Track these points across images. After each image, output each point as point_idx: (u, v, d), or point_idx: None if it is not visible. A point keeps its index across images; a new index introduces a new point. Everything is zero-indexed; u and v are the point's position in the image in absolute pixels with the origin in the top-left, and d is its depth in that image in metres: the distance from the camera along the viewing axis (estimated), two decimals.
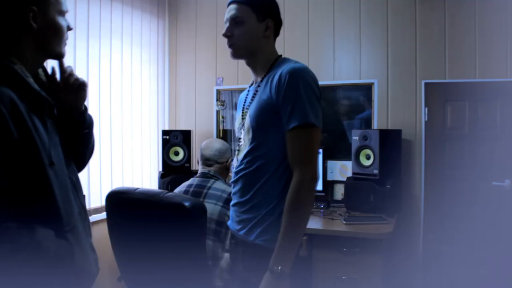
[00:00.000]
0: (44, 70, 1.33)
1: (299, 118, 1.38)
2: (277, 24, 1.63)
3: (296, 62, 1.51)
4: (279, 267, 1.34)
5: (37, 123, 1.13)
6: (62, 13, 1.25)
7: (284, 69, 1.46)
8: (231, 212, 1.63)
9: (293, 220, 1.37)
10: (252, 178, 1.50)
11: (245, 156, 1.53)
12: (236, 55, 1.61)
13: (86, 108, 1.38)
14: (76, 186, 1.30)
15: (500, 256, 3.09)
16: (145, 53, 3.77)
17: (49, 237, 1.11)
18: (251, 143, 1.51)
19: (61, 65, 1.32)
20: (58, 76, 1.33)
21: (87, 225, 1.33)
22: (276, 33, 1.65)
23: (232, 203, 1.62)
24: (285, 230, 1.37)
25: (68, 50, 1.34)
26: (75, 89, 1.32)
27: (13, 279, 1.05)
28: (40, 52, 1.22)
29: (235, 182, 1.58)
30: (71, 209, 1.21)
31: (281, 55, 1.65)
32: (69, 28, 1.27)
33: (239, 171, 1.55)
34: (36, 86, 1.16)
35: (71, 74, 1.32)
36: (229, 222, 1.65)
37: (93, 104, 3.08)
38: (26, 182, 1.09)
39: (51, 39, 1.22)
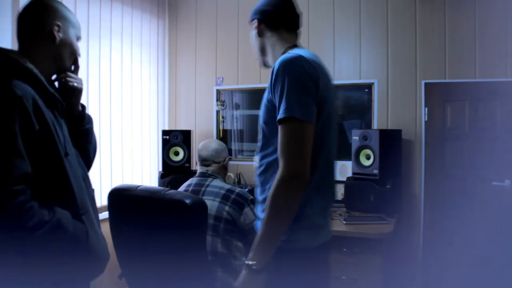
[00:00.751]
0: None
1: (282, 111, 1.33)
2: (268, 19, 1.60)
3: (293, 52, 1.44)
4: (253, 262, 1.29)
5: (53, 118, 1.27)
6: (78, 38, 1.46)
7: (276, 62, 1.42)
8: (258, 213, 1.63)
9: (270, 216, 1.30)
10: (264, 177, 1.48)
11: (258, 156, 1.53)
12: (259, 63, 1.72)
13: (84, 107, 1.53)
14: (85, 179, 1.41)
15: (500, 256, 3.09)
16: (145, 53, 3.78)
17: (67, 217, 1.24)
18: (260, 142, 1.51)
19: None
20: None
21: (97, 215, 1.43)
22: (276, 25, 1.60)
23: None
24: (262, 225, 1.32)
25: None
26: (67, 92, 1.44)
27: (35, 254, 1.17)
28: (53, 63, 1.38)
29: (256, 182, 1.58)
30: (84, 196, 1.33)
31: (291, 46, 1.58)
32: (79, 54, 1.47)
33: (256, 171, 1.55)
34: (51, 88, 1.30)
35: (65, 80, 1.45)
36: (255, 222, 1.64)
37: (93, 104, 3.08)
38: (45, 169, 1.22)
39: (66, 54, 1.40)
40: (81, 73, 2.99)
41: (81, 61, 2.97)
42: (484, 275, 3.12)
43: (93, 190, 1.46)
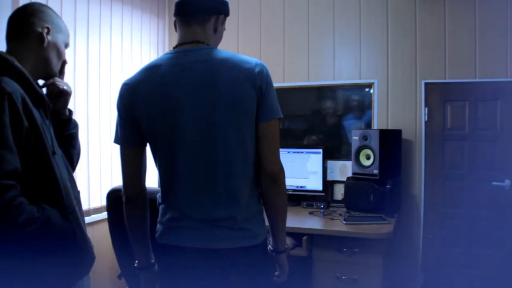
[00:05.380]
0: None
1: None
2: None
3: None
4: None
5: (40, 118, 1.27)
6: (66, 45, 1.48)
7: None
8: None
9: None
10: None
11: None
12: None
13: (71, 111, 1.55)
14: (71, 180, 1.40)
15: (500, 256, 3.09)
16: (145, 52, 3.77)
17: (56, 215, 1.24)
18: None
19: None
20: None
21: (83, 217, 1.43)
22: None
23: None
24: None
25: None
26: (55, 95, 1.46)
27: (23, 251, 1.18)
28: (40, 65, 1.38)
29: None
30: (70, 195, 1.33)
31: (175, 47, 1.51)
32: (65, 61, 1.49)
33: None
34: (39, 89, 1.31)
35: (53, 83, 1.46)
36: None
37: (93, 104, 3.08)
38: (33, 167, 1.21)
39: (53, 58, 1.41)
40: (81, 72, 3.01)
41: (81, 60, 2.99)
42: (484, 275, 3.12)
43: (78, 192, 1.46)
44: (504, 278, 3.06)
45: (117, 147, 1.49)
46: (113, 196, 2.11)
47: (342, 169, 3.52)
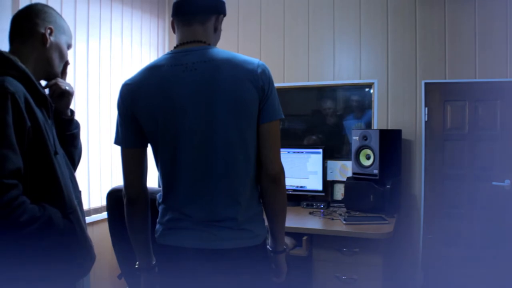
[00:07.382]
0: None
1: None
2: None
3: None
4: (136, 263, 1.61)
5: (42, 117, 1.27)
6: (69, 46, 1.49)
7: None
8: None
9: None
10: None
11: None
12: None
13: (72, 112, 1.56)
14: (72, 180, 1.41)
15: (500, 256, 3.09)
16: (145, 53, 3.77)
17: (57, 215, 1.25)
18: None
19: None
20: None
21: (83, 217, 1.44)
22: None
23: None
24: None
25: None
26: (58, 96, 1.47)
27: (24, 251, 1.18)
28: (42, 66, 1.39)
29: None
30: (71, 195, 1.33)
31: (176, 46, 1.48)
32: (67, 62, 1.50)
33: None
34: (41, 89, 1.32)
35: (55, 84, 1.47)
36: None
37: (93, 104, 3.08)
38: (35, 166, 1.22)
39: (55, 59, 1.42)
40: (81, 73, 3.01)
41: (81, 61, 2.99)
42: (484, 275, 3.12)
43: (80, 191, 1.46)
44: (504, 278, 3.06)
45: (117, 147, 1.48)
46: (113, 196, 2.11)
47: (342, 169, 3.52)
